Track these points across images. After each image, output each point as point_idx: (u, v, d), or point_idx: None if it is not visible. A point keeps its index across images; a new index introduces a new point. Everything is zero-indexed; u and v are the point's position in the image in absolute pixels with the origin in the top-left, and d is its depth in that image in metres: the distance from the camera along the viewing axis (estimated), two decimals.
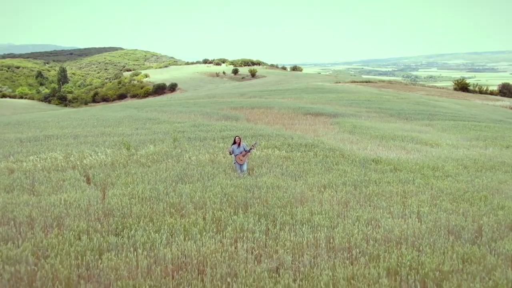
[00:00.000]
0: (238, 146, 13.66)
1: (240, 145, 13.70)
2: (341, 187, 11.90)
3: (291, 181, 12.41)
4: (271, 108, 35.94)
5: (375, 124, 28.78)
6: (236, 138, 13.72)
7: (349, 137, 22.67)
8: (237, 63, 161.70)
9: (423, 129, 27.58)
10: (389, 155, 18.11)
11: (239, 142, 13.70)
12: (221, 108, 36.02)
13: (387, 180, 13.08)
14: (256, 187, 11.42)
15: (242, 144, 13.81)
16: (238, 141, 13.65)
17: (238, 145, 13.66)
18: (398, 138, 22.59)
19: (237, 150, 13.59)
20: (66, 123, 25.22)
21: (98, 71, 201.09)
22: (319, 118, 31.31)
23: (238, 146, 13.64)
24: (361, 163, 15.77)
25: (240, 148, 13.65)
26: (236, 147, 13.61)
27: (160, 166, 13.63)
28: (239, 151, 13.59)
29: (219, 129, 22.31)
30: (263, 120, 29.35)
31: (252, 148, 13.83)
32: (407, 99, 54.06)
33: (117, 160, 14.21)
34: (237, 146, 13.62)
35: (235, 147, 13.60)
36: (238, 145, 13.64)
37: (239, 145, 13.67)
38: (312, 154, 16.59)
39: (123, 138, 18.28)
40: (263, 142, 18.61)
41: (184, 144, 17.58)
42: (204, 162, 14.54)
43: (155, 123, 24.93)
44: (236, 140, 13.67)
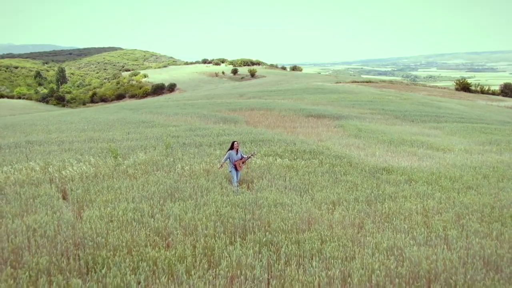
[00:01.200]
0: (236, 153, 12.20)
1: (238, 152, 12.24)
2: (353, 204, 10.38)
3: (295, 197, 10.90)
4: (272, 110, 34.42)
5: (380, 127, 27.27)
6: (235, 143, 12.25)
7: (355, 141, 21.16)
8: (236, 63, 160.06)
9: (432, 132, 26.07)
10: (401, 163, 16.62)
11: (237, 148, 12.25)
12: (219, 110, 34.50)
13: (404, 194, 11.57)
14: (256, 205, 9.91)
15: (239, 150, 12.35)
16: (236, 147, 12.20)
17: (236, 151, 12.19)
18: (407, 143, 21.08)
19: (235, 156, 12.16)
20: (54, 127, 23.68)
21: (97, 71, 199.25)
22: (321, 120, 29.79)
23: (236, 153, 12.18)
24: (371, 173, 14.28)
25: (238, 155, 12.20)
26: (234, 153, 12.15)
27: (148, 178, 12.11)
28: (237, 157, 12.18)
29: (216, 133, 20.78)
30: (263, 122, 27.83)
31: (251, 157, 12.38)
32: (410, 100, 52.55)
33: (101, 171, 12.68)
34: (235, 153, 12.16)
35: (232, 153, 12.15)
36: (236, 151, 12.18)
37: (237, 151, 12.21)
38: (317, 163, 15.09)
39: (111, 144, 16.74)
40: (263, 148, 17.10)
41: (178, 151, 16.06)
42: (199, 172, 13.02)
43: (148, 126, 23.40)
44: (234, 145, 12.20)
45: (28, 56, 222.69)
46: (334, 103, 42.93)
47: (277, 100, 45.78)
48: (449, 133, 26.33)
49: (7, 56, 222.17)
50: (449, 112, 40.48)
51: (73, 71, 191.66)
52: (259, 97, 52.17)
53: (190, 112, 32.29)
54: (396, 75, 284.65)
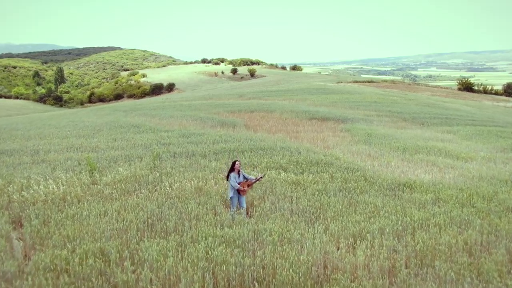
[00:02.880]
0: (238, 175, 10.03)
1: (240, 174, 10.07)
2: (379, 238, 8.24)
3: (306, 227, 8.76)
4: (272, 112, 32.28)
5: (390, 131, 25.13)
6: (236, 164, 10.06)
7: (365, 149, 19.02)
8: (236, 62, 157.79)
9: (446, 137, 23.93)
10: (421, 176, 14.49)
11: (239, 169, 10.08)
12: (217, 112, 32.35)
13: (436, 221, 9.43)
14: (258, 242, 7.78)
15: (241, 170, 10.17)
16: (237, 168, 10.03)
17: (238, 173, 10.03)
18: (423, 150, 18.95)
19: (238, 179, 10.03)
20: (36, 132, 21.52)
21: (96, 71, 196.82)
22: (326, 123, 27.64)
23: (238, 175, 10.02)
24: (390, 190, 12.15)
25: (240, 178, 10.04)
26: (235, 176, 10.00)
27: (127, 201, 9.97)
28: (240, 179, 10.04)
29: (212, 140, 18.63)
30: (264, 126, 25.69)
31: (258, 180, 10.20)
32: (415, 100, 50.44)
33: (72, 191, 10.54)
34: (237, 175, 10.01)
35: (235, 175, 10.00)
36: (237, 173, 10.02)
37: (238, 173, 10.04)
38: (327, 177, 12.95)
39: (90, 156, 14.59)
40: (265, 159, 14.97)
41: (167, 163, 13.92)
42: (189, 192, 10.88)
43: (138, 132, 21.24)
44: (235, 167, 10.03)
45: (27, 56, 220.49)
46: (337, 104, 40.79)
47: (278, 101, 43.64)
48: (465, 137, 24.19)
49: (6, 55, 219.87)
50: (458, 113, 38.37)
51: (72, 71, 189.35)
52: (259, 97, 50.01)
53: (186, 114, 30.14)
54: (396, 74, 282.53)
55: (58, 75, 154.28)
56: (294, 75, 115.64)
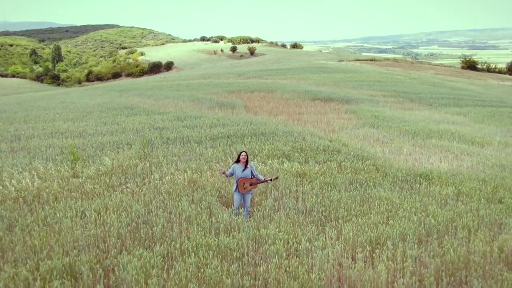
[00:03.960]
0: (245, 168, 8.61)
1: (247, 167, 8.66)
2: (401, 246, 7.00)
3: (315, 231, 7.52)
4: (273, 92, 30.79)
5: (398, 113, 23.74)
6: (242, 155, 8.58)
7: (373, 133, 17.69)
8: (235, 40, 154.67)
9: (457, 120, 22.57)
10: (436, 164, 13.22)
11: (246, 161, 8.64)
12: (216, 92, 30.86)
13: (464, 222, 8.17)
14: (259, 254, 6.54)
15: (251, 165, 8.77)
16: (244, 159, 8.57)
17: (245, 165, 8.61)
18: (435, 135, 17.62)
19: (242, 173, 8.53)
20: (22, 115, 20.14)
21: (94, 49, 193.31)
22: (329, 104, 26.22)
23: (243, 168, 8.60)
24: (406, 182, 10.89)
25: (246, 171, 8.55)
26: (239, 168, 8.58)
27: (110, 198, 8.70)
28: (244, 174, 8.52)
29: (209, 123, 17.28)
30: (264, 108, 24.28)
31: (266, 181, 8.80)
32: (419, 80, 48.81)
33: (48, 186, 9.26)
34: (242, 167, 8.60)
35: (238, 168, 8.59)
36: (244, 166, 8.61)
37: (245, 165, 8.63)
38: (335, 167, 11.66)
39: (75, 142, 13.27)
40: (266, 145, 13.66)
41: (158, 151, 12.61)
42: (181, 186, 9.61)
43: (131, 114, 19.85)
44: (241, 158, 8.59)
45: (24, 34, 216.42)
46: (340, 84, 39.22)
47: (279, 80, 42.05)
48: (477, 120, 22.83)
49: (2, 33, 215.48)
50: (466, 93, 36.87)
51: (69, 49, 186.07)
52: (259, 76, 48.35)
53: (183, 95, 28.66)
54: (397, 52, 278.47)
55: (55, 53, 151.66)
56: (295, 53, 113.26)
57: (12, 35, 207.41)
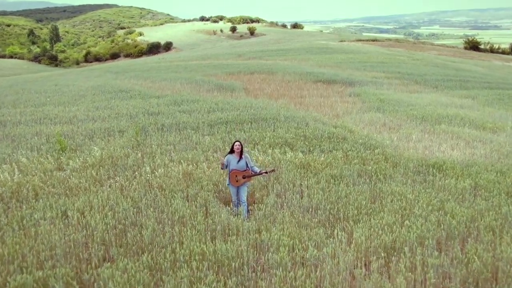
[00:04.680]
0: (239, 159, 7.83)
1: (242, 157, 7.86)
2: (419, 253, 6.20)
3: (323, 234, 6.70)
4: (274, 74, 29.72)
5: (403, 96, 22.76)
6: (236, 145, 7.84)
7: (379, 117, 16.78)
8: (235, 20, 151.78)
9: (465, 103, 21.61)
10: (448, 152, 12.36)
11: (240, 151, 7.86)
12: (215, 74, 29.79)
13: (486, 222, 7.36)
14: (261, 264, 5.74)
15: (246, 155, 7.96)
16: (238, 149, 7.81)
17: (239, 156, 7.84)
18: (444, 119, 16.71)
19: (236, 164, 7.78)
20: (12, 98, 19.18)
21: (92, 29, 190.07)
22: (332, 87, 25.22)
23: (238, 158, 7.83)
24: (418, 173, 10.05)
25: (241, 162, 7.80)
26: (233, 159, 7.82)
27: (96, 194, 7.86)
28: (239, 166, 7.77)
29: (207, 108, 16.35)
30: (265, 90, 23.30)
31: (265, 174, 7.95)
32: (423, 60, 47.58)
33: (30, 180, 8.42)
34: (237, 158, 7.82)
35: (232, 158, 7.82)
36: (238, 157, 7.83)
37: (240, 156, 7.84)
38: (341, 157, 10.81)
39: (63, 130, 12.39)
40: (267, 132, 12.77)
41: (152, 139, 11.74)
42: (175, 180, 8.77)
43: (126, 97, 18.89)
44: (235, 148, 7.83)
45: (21, 14, 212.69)
46: (342, 65, 38.05)
47: (279, 62, 40.86)
48: (485, 103, 21.86)
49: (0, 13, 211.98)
50: (471, 75, 35.78)
51: (67, 29, 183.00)
52: (259, 57, 47.09)
53: (180, 77, 27.61)
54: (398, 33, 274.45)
55: (53, 33, 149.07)
56: (295, 34, 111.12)
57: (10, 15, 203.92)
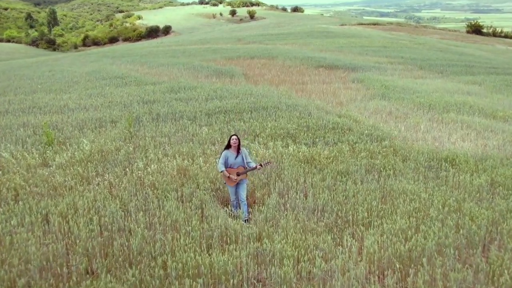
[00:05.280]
0: (237, 154, 7.12)
1: (240, 152, 7.15)
2: (439, 265, 5.52)
3: (331, 242, 6.00)
4: (274, 59, 28.79)
5: (408, 82, 21.90)
6: (233, 139, 7.11)
7: (384, 105, 15.99)
8: (234, 3, 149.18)
9: (472, 90, 20.78)
10: (460, 144, 11.63)
11: (238, 145, 7.13)
12: (214, 59, 28.84)
13: (510, 225, 6.67)
14: (263, 279, 5.06)
15: (243, 150, 7.24)
16: (235, 144, 7.09)
17: (237, 151, 7.12)
18: (452, 107, 15.93)
19: (234, 160, 7.09)
20: (2, 85, 18.34)
21: (90, 12, 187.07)
22: (335, 72, 24.34)
23: (236, 154, 7.11)
24: (430, 169, 9.32)
25: (238, 158, 7.10)
26: (231, 155, 7.11)
27: (82, 194, 7.16)
28: (236, 162, 7.08)
29: (205, 95, 15.55)
30: (265, 76, 22.44)
31: (260, 167, 7.19)
32: (426, 45, 46.47)
33: (10, 180, 7.69)
34: (234, 154, 7.11)
35: (230, 154, 7.11)
36: (236, 152, 7.12)
37: (237, 151, 7.13)
38: (347, 150, 10.07)
39: (46, 124, 11.63)
40: (268, 122, 12.02)
41: (146, 130, 10.99)
42: (170, 177, 8.05)
43: (121, 84, 18.06)
44: (231, 142, 7.11)
45: None
46: (344, 50, 37.03)
47: (280, 46, 39.78)
48: (493, 90, 21.02)
49: None
50: (476, 60, 34.81)
51: (65, 13, 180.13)
52: (259, 41, 45.96)
53: (178, 62, 26.67)
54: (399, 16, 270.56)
55: (50, 17, 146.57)
56: (296, 17, 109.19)
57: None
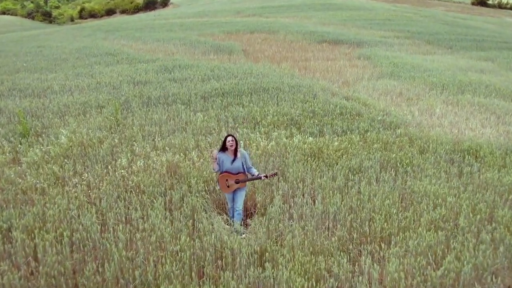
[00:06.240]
0: (234, 158, 5.92)
1: (237, 156, 5.98)
2: None
3: (347, 266, 4.96)
4: (275, 33, 27.25)
5: (417, 59, 20.53)
6: (228, 140, 5.86)
7: (394, 85, 14.74)
8: None
9: (486, 67, 19.44)
10: (480, 130, 10.49)
11: (235, 148, 5.91)
12: (212, 33, 27.30)
13: None
14: None
15: (241, 151, 6.06)
16: (232, 146, 5.86)
17: (234, 154, 5.92)
18: (467, 88, 14.69)
19: (231, 165, 5.89)
20: None
21: None
22: (339, 48, 22.92)
23: (233, 158, 5.91)
24: (452, 162, 8.22)
25: (236, 162, 5.89)
26: (227, 158, 5.91)
27: (53, 202, 6.08)
28: (234, 167, 5.89)
29: (201, 75, 14.29)
30: (266, 53, 21.05)
31: (265, 177, 5.95)
32: (431, 18, 44.53)
33: None
34: (231, 158, 5.90)
35: (226, 158, 5.91)
36: (233, 155, 5.91)
37: (234, 154, 5.94)
38: (358, 140, 8.93)
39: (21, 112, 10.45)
40: (270, 107, 10.84)
41: (135, 117, 9.82)
42: (158, 175, 6.97)
43: (112, 62, 16.74)
44: (227, 144, 5.87)
45: None
46: (347, 23, 35.28)
47: (281, 19, 37.98)
48: (508, 67, 19.69)
49: None
50: (484, 33, 33.15)
51: None
52: (259, 14, 44.02)
53: (175, 37, 25.16)
54: None
55: None
56: None
57: None
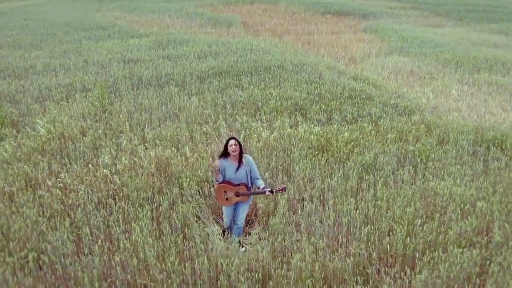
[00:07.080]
0: (238, 166, 4.86)
1: (242, 163, 4.90)
2: None
3: None
4: (276, 4, 25.75)
5: (427, 32, 19.23)
6: (231, 144, 4.79)
7: (405, 63, 13.63)
8: None
9: (499, 41, 18.20)
10: (500, 114, 9.52)
11: (239, 152, 4.85)
12: (210, 4, 25.80)
13: None
14: None
15: (247, 158, 4.96)
16: (235, 151, 4.79)
17: (238, 161, 4.85)
18: (483, 65, 13.58)
19: (234, 174, 4.86)
20: None
21: None
22: (344, 20, 21.56)
23: (237, 165, 4.85)
24: (475, 155, 7.29)
25: (240, 171, 4.85)
26: (229, 166, 4.88)
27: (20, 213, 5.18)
28: (237, 177, 4.86)
29: (198, 52, 13.14)
30: (267, 25, 19.74)
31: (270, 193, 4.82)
32: None
33: None
34: (234, 165, 4.86)
35: (228, 165, 4.87)
36: (237, 162, 4.85)
37: (239, 161, 4.87)
38: (371, 130, 7.93)
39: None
40: (273, 89, 9.81)
41: (122, 103, 8.81)
42: (146, 175, 6.05)
43: (102, 37, 15.52)
44: (229, 149, 4.80)
45: None
46: None
47: None
48: None
49: None
50: (494, 4, 31.49)
51: None
52: None
53: (171, 8, 23.66)
54: None
55: None
56: None
57: None
